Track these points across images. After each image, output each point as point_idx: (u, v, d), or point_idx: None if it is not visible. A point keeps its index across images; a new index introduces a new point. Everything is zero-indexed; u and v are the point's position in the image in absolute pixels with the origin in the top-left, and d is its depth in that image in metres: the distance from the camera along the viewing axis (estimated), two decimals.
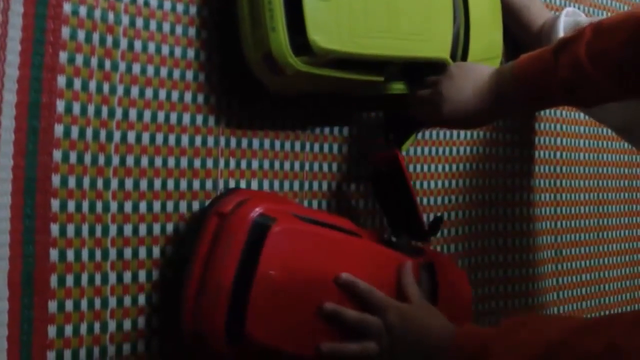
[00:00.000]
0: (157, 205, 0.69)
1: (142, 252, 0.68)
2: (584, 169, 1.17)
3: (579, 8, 1.08)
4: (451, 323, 0.67)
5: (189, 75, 0.71)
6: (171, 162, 0.70)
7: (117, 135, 0.66)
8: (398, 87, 0.79)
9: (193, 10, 0.71)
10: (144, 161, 0.68)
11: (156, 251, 0.69)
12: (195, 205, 0.72)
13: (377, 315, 0.66)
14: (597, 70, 0.65)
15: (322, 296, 0.66)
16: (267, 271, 0.62)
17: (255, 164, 0.77)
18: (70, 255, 0.63)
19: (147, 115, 0.68)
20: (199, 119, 0.72)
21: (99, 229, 0.65)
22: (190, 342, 0.63)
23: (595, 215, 1.20)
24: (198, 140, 0.72)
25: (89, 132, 0.64)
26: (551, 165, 1.11)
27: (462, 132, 0.98)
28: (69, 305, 0.63)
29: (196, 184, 0.72)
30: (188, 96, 0.71)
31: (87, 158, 0.64)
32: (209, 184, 0.73)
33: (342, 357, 0.65)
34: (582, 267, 1.17)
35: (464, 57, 0.81)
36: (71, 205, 0.63)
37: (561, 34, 0.92)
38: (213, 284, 0.61)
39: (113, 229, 0.66)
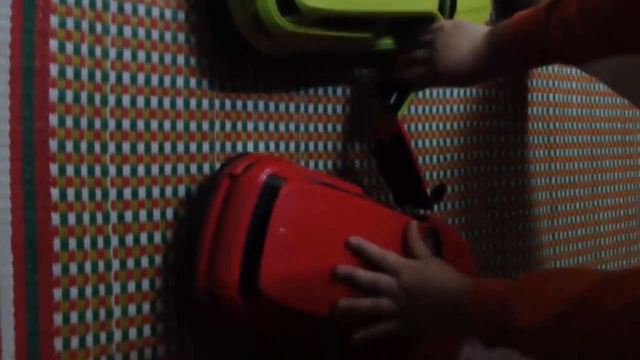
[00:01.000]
0: (155, 169, 0.69)
1: (143, 215, 0.68)
2: (577, 125, 1.18)
3: None
4: (468, 278, 0.66)
5: (181, 37, 0.71)
6: (167, 125, 0.70)
7: (112, 99, 0.66)
8: (387, 43, 0.79)
9: None
10: (140, 125, 0.68)
11: (156, 214, 0.69)
12: (193, 168, 0.72)
13: (391, 275, 0.67)
14: (588, 28, 0.66)
15: (334, 255, 0.67)
16: (278, 230, 0.63)
17: (250, 126, 0.77)
18: (71, 219, 0.63)
19: (141, 78, 0.68)
20: (193, 81, 0.72)
21: (99, 193, 0.65)
22: (204, 302, 0.64)
23: (590, 171, 1.21)
24: (193, 103, 0.72)
25: (84, 96, 0.64)
26: (544, 121, 1.12)
27: (455, 90, 0.98)
28: (73, 268, 0.63)
29: (193, 147, 0.72)
30: (181, 59, 0.71)
31: (84, 122, 0.64)
32: (205, 147, 0.73)
33: (356, 314, 0.66)
34: (578, 222, 1.19)
35: (452, 9, 0.80)
36: (70, 170, 0.63)
37: None
38: (226, 242, 0.62)
39: (113, 193, 0.66)
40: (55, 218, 0.62)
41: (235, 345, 0.74)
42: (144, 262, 0.68)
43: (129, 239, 0.67)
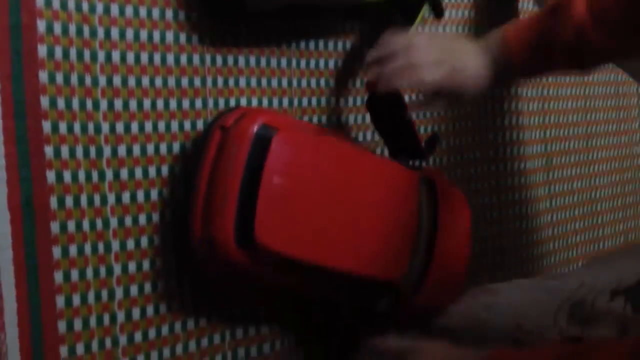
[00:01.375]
0: (148, 126, 0.69)
1: (138, 173, 0.68)
2: (571, 78, 1.18)
3: None
4: None
5: None
6: (158, 82, 0.70)
7: (101, 55, 0.66)
8: None
9: None
10: (131, 81, 0.68)
11: (152, 171, 0.69)
12: (187, 125, 0.72)
13: None
14: (600, 32, 0.62)
15: (329, 203, 0.66)
16: (271, 179, 0.62)
17: (242, 82, 0.76)
18: (67, 176, 0.63)
19: (130, 33, 0.68)
20: (182, 37, 0.71)
21: (93, 151, 0.65)
22: (202, 253, 0.64)
23: (584, 124, 1.21)
24: (183, 59, 0.72)
25: (73, 53, 0.64)
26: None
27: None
28: (71, 226, 0.63)
29: (186, 104, 0.72)
30: (169, 13, 0.70)
31: (74, 79, 0.64)
32: (198, 103, 0.73)
33: None
34: (573, 175, 1.19)
35: None
36: (63, 127, 0.63)
37: None
38: (220, 192, 0.62)
39: (107, 150, 0.66)
40: (51, 176, 0.62)
41: (236, 301, 0.75)
42: (142, 219, 0.68)
43: (126, 196, 0.67)
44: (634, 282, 0.57)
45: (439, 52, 0.68)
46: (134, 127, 0.68)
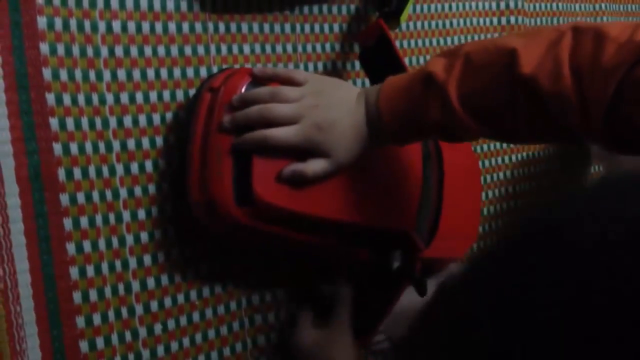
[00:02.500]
0: (153, 95, 0.68)
1: (146, 143, 0.68)
2: None
3: None
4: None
5: None
6: (161, 50, 0.69)
7: (102, 26, 0.65)
8: None
9: None
10: (134, 51, 0.67)
11: (159, 141, 0.69)
12: (192, 93, 0.71)
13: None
14: (467, 114, 0.57)
15: None
16: None
17: (246, 49, 0.75)
18: (74, 148, 0.63)
19: (130, 3, 0.67)
20: (184, 4, 0.71)
21: (98, 122, 0.65)
22: (203, 216, 0.63)
23: None
24: (185, 27, 0.71)
25: (73, 23, 0.63)
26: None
27: (454, 3, 0.96)
28: (80, 197, 0.63)
29: (190, 72, 0.71)
30: None
31: (76, 50, 0.63)
32: (202, 71, 0.72)
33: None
34: None
35: None
36: (67, 99, 0.63)
37: None
38: (214, 153, 0.61)
39: (113, 121, 0.66)
40: (57, 148, 0.62)
41: (251, 268, 0.75)
42: (151, 189, 0.68)
43: (134, 167, 0.67)
44: None
45: (307, 102, 0.62)
46: (139, 96, 0.67)
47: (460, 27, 0.97)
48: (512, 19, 1.03)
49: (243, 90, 0.63)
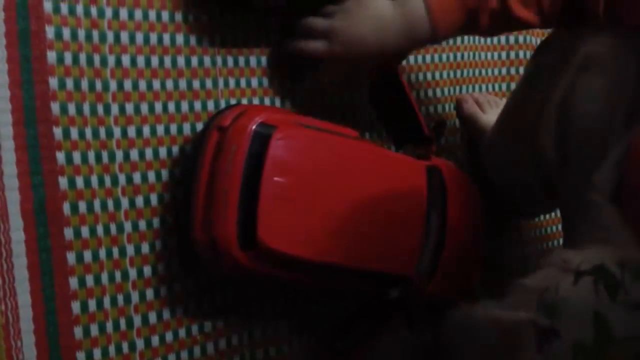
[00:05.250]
0: (160, 129, 0.69)
1: (152, 176, 0.68)
2: None
3: None
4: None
5: None
6: (170, 84, 0.69)
7: (111, 60, 0.65)
8: None
9: None
10: (142, 85, 0.68)
11: (165, 174, 0.69)
12: (199, 127, 0.71)
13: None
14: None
15: (333, 200, 0.65)
16: (272, 179, 0.61)
17: (254, 82, 0.76)
18: (79, 182, 0.63)
19: (140, 37, 0.67)
20: (193, 39, 0.71)
21: (105, 156, 0.65)
22: (205, 255, 0.63)
23: None
24: (194, 61, 0.71)
25: (83, 58, 0.63)
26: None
27: (465, 37, 0.96)
28: (85, 231, 0.63)
29: (198, 105, 0.71)
30: (179, 16, 0.70)
31: (84, 84, 0.64)
32: (210, 105, 0.72)
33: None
34: None
35: None
36: (74, 133, 0.63)
37: None
38: (220, 194, 0.61)
39: (119, 155, 0.66)
40: (63, 182, 0.62)
41: (252, 301, 0.74)
42: (156, 223, 0.68)
43: (139, 200, 0.67)
44: (599, 260, 0.50)
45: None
46: (146, 130, 0.68)
47: (469, 60, 0.97)
48: (521, 53, 1.03)
49: (253, 129, 0.63)
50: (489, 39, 0.99)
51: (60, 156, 0.62)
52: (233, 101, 0.74)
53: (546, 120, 0.69)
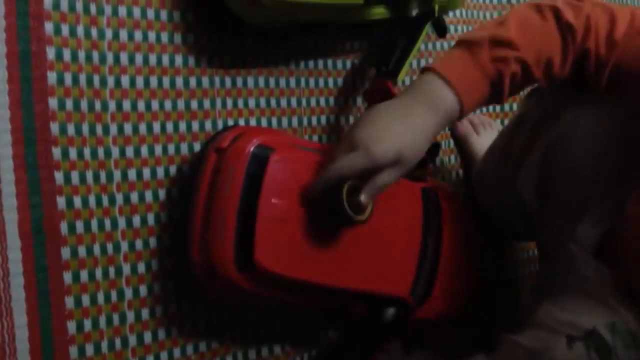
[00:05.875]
0: (158, 149, 0.69)
1: (149, 196, 0.68)
2: None
3: None
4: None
5: (177, 16, 0.70)
6: (168, 105, 0.70)
7: (110, 81, 0.66)
8: (379, 12, 0.78)
9: None
10: (141, 105, 0.68)
11: (162, 194, 0.69)
12: (197, 147, 0.72)
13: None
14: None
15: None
16: (269, 201, 0.62)
17: (252, 103, 0.76)
18: (77, 202, 0.63)
19: (139, 58, 0.68)
20: (191, 60, 0.72)
21: (103, 175, 0.65)
22: (202, 277, 0.63)
23: None
24: (193, 81, 0.72)
25: (83, 79, 0.64)
26: None
27: None
28: (81, 251, 0.63)
29: (195, 126, 0.72)
30: (177, 37, 0.71)
31: (84, 104, 0.64)
32: (208, 125, 0.73)
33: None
34: None
35: None
36: (73, 153, 0.63)
37: None
38: (218, 216, 0.61)
39: (117, 175, 0.66)
40: (61, 202, 0.62)
41: (247, 321, 0.74)
42: (152, 242, 0.68)
43: (136, 220, 0.67)
44: (591, 325, 0.52)
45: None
46: (144, 150, 0.68)
47: None
48: None
49: (251, 152, 0.63)
50: None
51: (59, 176, 0.62)
52: (230, 121, 0.74)
53: (529, 164, 0.71)
